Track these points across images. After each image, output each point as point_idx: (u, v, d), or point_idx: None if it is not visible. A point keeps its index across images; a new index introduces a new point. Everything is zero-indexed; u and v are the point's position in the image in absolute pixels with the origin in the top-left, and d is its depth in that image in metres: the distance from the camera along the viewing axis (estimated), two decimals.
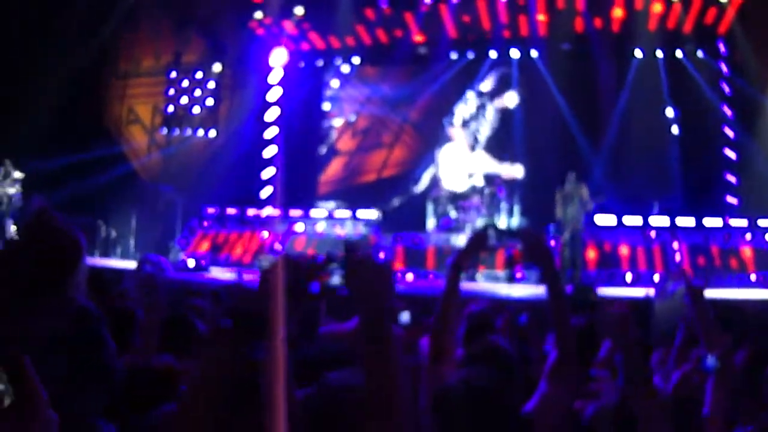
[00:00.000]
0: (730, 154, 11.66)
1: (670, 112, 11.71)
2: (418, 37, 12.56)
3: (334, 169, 13.79)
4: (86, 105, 11.64)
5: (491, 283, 9.55)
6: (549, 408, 1.83)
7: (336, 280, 1.34)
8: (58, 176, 10.24)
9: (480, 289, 8.41)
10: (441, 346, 1.95)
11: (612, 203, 10.74)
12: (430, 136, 13.36)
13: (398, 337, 1.33)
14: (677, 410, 2.25)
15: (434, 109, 13.33)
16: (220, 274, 9.62)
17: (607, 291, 7.76)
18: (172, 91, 12.60)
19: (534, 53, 12.47)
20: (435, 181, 13.00)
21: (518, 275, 9.39)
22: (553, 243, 9.55)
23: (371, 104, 13.64)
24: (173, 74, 12.62)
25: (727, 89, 11.79)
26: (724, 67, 11.86)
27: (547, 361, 1.99)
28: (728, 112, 11.71)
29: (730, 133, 11.70)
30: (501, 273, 9.91)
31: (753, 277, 9.99)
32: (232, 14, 12.18)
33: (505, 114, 12.95)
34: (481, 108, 13.21)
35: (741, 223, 10.63)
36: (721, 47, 11.90)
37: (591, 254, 10.24)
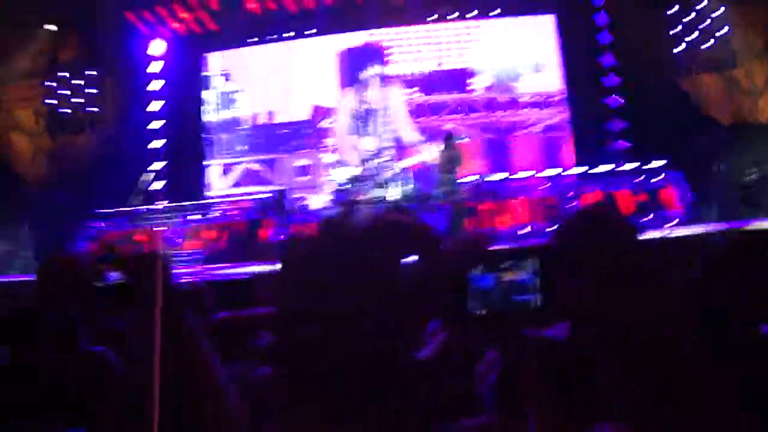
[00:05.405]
0: (617, 100, 11.89)
1: None
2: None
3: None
4: None
5: None
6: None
7: (114, 278, 1.31)
8: None
9: None
10: None
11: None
12: None
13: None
14: None
15: None
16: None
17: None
18: (53, 93, 12.11)
19: None
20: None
21: None
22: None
23: None
24: (53, 75, 12.13)
25: (605, 39, 12.01)
26: (600, 19, 12.08)
27: None
28: (608, 60, 11.95)
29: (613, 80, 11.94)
30: None
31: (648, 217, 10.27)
32: (110, 9, 11.81)
33: None
34: None
35: (632, 166, 10.88)
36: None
37: (485, 209, 10.27)
